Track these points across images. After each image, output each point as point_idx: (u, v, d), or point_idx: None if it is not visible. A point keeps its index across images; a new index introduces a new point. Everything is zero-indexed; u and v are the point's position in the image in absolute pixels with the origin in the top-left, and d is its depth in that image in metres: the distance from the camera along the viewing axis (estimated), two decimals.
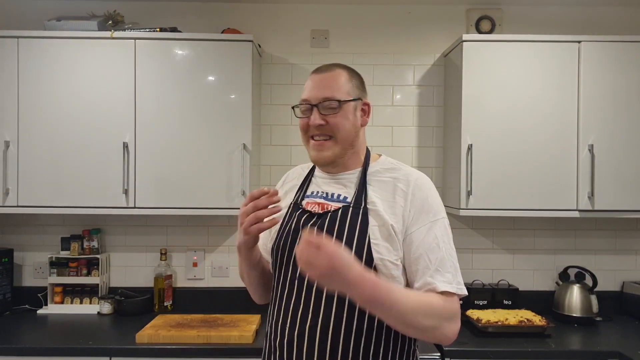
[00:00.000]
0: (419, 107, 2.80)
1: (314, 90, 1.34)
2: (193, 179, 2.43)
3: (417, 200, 1.29)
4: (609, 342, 2.25)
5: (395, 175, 1.35)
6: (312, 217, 1.33)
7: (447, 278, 1.23)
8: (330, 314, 1.23)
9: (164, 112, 2.43)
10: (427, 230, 1.27)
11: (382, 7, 2.80)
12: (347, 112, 1.33)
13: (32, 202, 2.42)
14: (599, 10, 2.78)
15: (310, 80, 1.37)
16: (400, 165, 1.39)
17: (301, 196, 1.42)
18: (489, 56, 2.43)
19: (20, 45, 2.41)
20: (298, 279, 1.28)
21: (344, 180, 1.38)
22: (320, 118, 1.32)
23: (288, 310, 1.28)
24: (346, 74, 1.36)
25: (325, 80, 1.34)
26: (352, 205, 1.30)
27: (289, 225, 1.36)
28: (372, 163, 1.40)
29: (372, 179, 1.35)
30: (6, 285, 2.63)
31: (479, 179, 2.42)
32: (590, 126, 2.41)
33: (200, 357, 2.14)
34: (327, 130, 1.32)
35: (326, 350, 1.22)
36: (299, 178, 1.49)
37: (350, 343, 1.22)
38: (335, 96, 1.32)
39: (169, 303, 2.68)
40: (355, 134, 1.36)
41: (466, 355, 2.13)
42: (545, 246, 2.79)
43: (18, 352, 2.13)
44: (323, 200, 1.37)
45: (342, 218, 1.29)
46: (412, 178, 1.33)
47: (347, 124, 1.33)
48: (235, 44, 2.45)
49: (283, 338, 1.28)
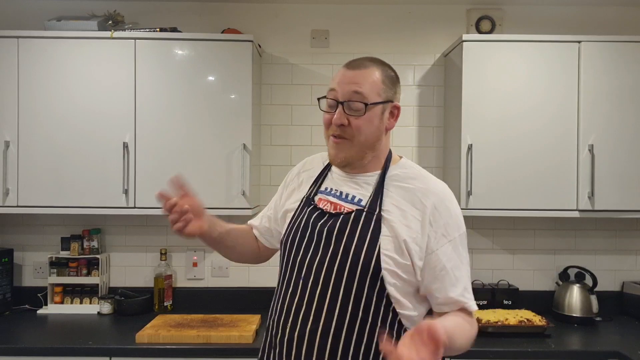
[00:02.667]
0: (419, 107, 2.80)
1: (343, 85, 1.27)
2: (193, 179, 2.39)
3: (439, 217, 1.25)
4: (608, 342, 2.25)
5: (416, 184, 1.29)
6: (323, 216, 1.30)
7: (472, 295, 1.27)
8: (332, 320, 1.21)
9: (164, 112, 2.43)
10: (452, 247, 1.25)
11: (382, 7, 2.80)
12: (373, 115, 1.27)
13: (32, 202, 2.42)
14: (599, 10, 2.78)
15: (341, 73, 1.30)
16: (421, 172, 1.35)
17: (315, 191, 1.39)
18: (489, 56, 2.43)
19: (20, 45, 2.41)
20: (303, 279, 1.27)
21: (361, 182, 1.33)
22: (344, 117, 1.26)
23: (291, 309, 1.27)
24: (379, 73, 1.29)
25: (357, 77, 1.27)
26: (366, 209, 1.27)
27: (299, 221, 1.34)
28: (391, 166, 1.34)
29: (391, 183, 1.30)
30: (6, 285, 2.63)
31: (479, 179, 2.42)
32: (590, 126, 2.41)
33: (200, 357, 2.14)
34: (347, 132, 1.27)
35: (325, 355, 1.21)
36: (316, 169, 1.44)
37: (349, 350, 1.21)
38: (364, 98, 1.25)
39: (168, 303, 2.68)
40: (377, 138, 1.30)
41: (466, 355, 2.11)
42: (545, 246, 2.79)
43: (18, 352, 2.13)
44: (336, 199, 1.33)
45: (354, 222, 1.25)
46: (433, 191, 1.28)
47: (370, 127, 1.27)
48: (235, 44, 2.45)
49: (284, 336, 1.27)
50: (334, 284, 1.22)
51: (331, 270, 1.23)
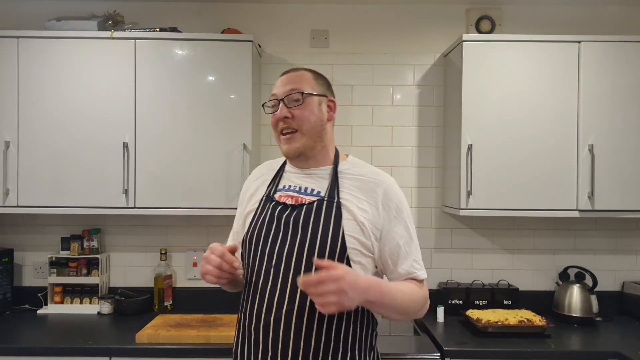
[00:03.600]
0: (419, 107, 2.80)
1: (280, 87, 1.45)
2: (193, 179, 2.43)
3: (389, 202, 1.41)
4: (609, 342, 2.25)
5: (366, 176, 1.45)
6: (286, 209, 1.41)
7: (422, 266, 1.43)
8: (306, 301, 1.30)
9: (164, 112, 2.43)
10: (401, 226, 1.41)
11: (382, 7, 2.80)
12: (312, 105, 1.43)
13: (32, 202, 2.42)
14: (599, 10, 2.78)
15: (278, 81, 1.47)
16: (368, 167, 1.50)
17: (273, 189, 1.49)
18: (489, 56, 2.43)
19: (20, 45, 2.41)
20: (274, 267, 1.36)
21: (316, 176, 1.47)
22: (286, 110, 1.41)
23: (264, 297, 1.35)
24: (311, 74, 1.48)
25: (291, 78, 1.45)
26: (327, 199, 1.40)
27: (263, 216, 1.44)
28: (341, 162, 1.49)
29: (344, 176, 1.45)
30: (6, 285, 2.63)
31: (479, 179, 2.42)
32: (590, 126, 2.41)
33: (200, 357, 2.13)
34: (293, 123, 1.41)
35: (301, 334, 1.31)
36: (270, 172, 1.56)
37: (323, 327, 1.32)
38: (299, 88, 1.42)
39: (168, 303, 2.68)
40: (321, 128, 1.45)
41: (466, 355, 2.13)
42: (545, 246, 2.79)
43: (18, 352, 2.13)
44: (296, 193, 1.44)
45: (317, 211, 1.38)
46: (381, 181, 1.44)
47: (311, 116, 1.42)
48: (235, 44, 2.45)
49: (259, 322, 1.35)
50: (305, 267, 1.32)
51: (301, 255, 1.34)
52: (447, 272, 2.78)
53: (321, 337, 1.32)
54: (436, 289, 2.75)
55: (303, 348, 1.31)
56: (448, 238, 2.79)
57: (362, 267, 1.38)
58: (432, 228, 2.79)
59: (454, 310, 2.59)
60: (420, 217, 2.78)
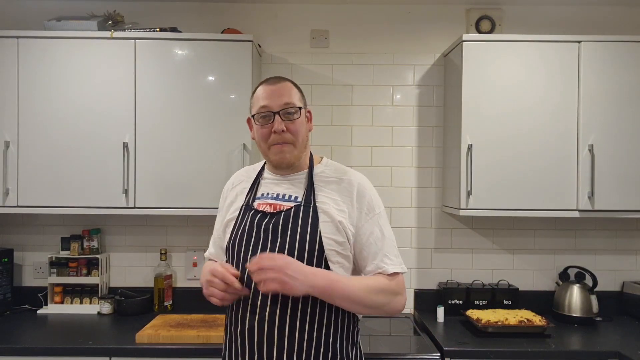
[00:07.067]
0: (418, 107, 2.80)
1: (272, 99, 1.46)
2: (193, 179, 2.43)
3: (362, 200, 1.48)
4: (609, 342, 2.25)
5: (340, 177, 1.52)
6: (265, 217, 1.46)
7: (393, 261, 1.46)
8: (288, 302, 1.37)
9: (164, 112, 2.43)
10: (373, 223, 1.47)
11: (382, 7, 2.80)
12: (302, 118, 1.50)
13: (32, 202, 2.42)
14: (599, 10, 2.78)
15: (263, 91, 1.48)
16: (342, 168, 1.56)
17: (252, 198, 1.54)
18: (489, 56, 2.43)
19: (20, 45, 2.41)
20: None
21: (294, 181, 1.52)
22: (282, 124, 1.45)
23: (247, 300, 1.41)
24: (293, 85, 1.52)
25: (280, 90, 1.47)
26: (303, 204, 1.46)
27: (244, 224, 1.49)
28: (316, 165, 1.55)
29: (319, 180, 1.51)
30: (6, 285, 2.63)
31: (479, 179, 2.42)
32: (590, 126, 2.41)
33: (200, 357, 2.14)
34: (288, 136, 1.46)
35: (284, 333, 1.36)
36: (248, 180, 1.61)
37: (305, 325, 1.38)
38: (293, 103, 1.47)
39: (168, 303, 2.68)
40: (307, 138, 1.54)
41: (466, 355, 2.13)
42: (545, 246, 2.79)
43: (18, 352, 2.12)
44: (274, 200, 1.50)
45: (295, 216, 1.44)
46: (354, 180, 1.51)
47: (302, 129, 1.49)
48: (235, 44, 2.45)
49: (244, 326, 1.40)
50: None
51: None
52: (447, 272, 2.78)
53: (304, 335, 1.37)
54: (436, 289, 2.75)
55: (287, 347, 1.36)
56: (448, 238, 2.79)
57: (340, 266, 1.44)
58: (432, 228, 2.79)
59: (454, 310, 2.59)
60: (420, 217, 2.79)
